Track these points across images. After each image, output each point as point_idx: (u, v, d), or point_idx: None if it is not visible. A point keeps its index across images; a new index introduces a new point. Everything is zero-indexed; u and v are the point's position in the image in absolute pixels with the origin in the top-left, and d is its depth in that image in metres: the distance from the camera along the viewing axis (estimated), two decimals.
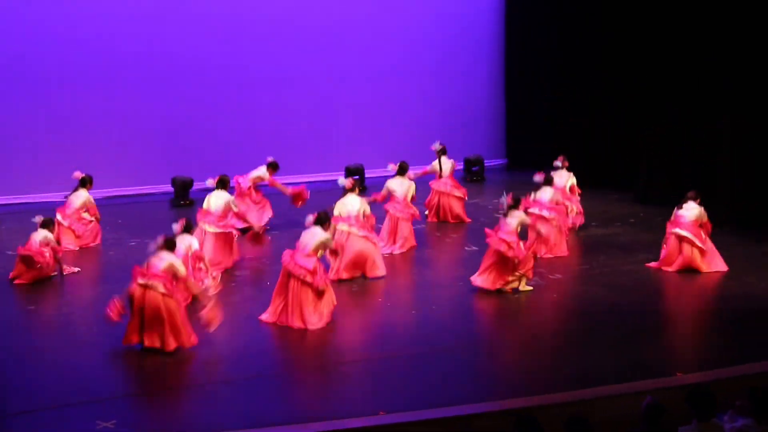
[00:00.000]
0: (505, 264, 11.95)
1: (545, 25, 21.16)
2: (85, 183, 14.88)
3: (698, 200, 13.08)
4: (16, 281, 12.69)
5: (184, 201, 17.88)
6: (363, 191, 13.81)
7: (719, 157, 16.21)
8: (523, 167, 21.33)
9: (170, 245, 10.33)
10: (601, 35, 19.56)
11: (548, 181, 14.28)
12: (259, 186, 15.64)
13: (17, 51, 17.89)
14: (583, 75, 20.02)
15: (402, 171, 14.77)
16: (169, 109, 19.15)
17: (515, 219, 12.10)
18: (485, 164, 21.17)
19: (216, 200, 13.69)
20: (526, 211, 13.10)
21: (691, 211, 13.03)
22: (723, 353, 10.01)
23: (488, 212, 16.86)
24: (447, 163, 16.43)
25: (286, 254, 11.03)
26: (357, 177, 14.85)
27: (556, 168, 15.40)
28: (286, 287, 10.93)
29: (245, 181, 15.54)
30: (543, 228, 13.25)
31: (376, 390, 9.20)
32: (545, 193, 14.11)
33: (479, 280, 12.10)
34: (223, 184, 13.89)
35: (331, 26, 20.36)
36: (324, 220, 11.28)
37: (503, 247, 11.86)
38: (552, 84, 21.09)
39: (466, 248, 14.64)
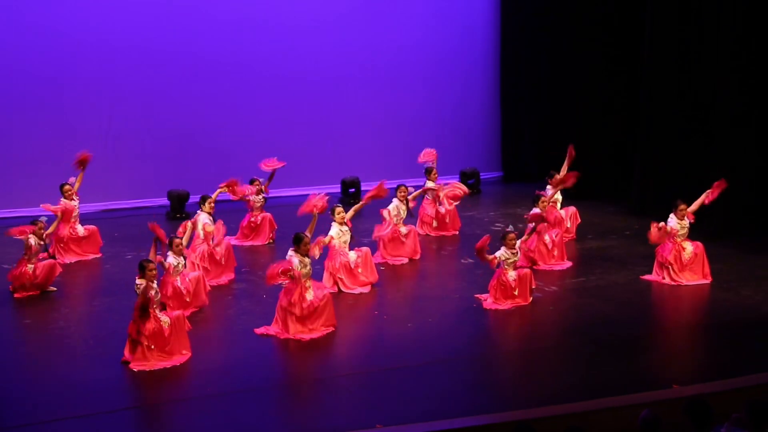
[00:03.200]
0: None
1: (540, 40, 21.25)
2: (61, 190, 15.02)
3: (677, 209, 13.09)
4: (15, 295, 12.77)
5: (180, 214, 17.88)
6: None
7: (713, 169, 16.25)
8: (518, 180, 21.49)
9: (140, 269, 10.36)
10: (595, 50, 19.63)
11: (535, 200, 14.29)
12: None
13: (9, 63, 17.95)
14: (577, 89, 20.07)
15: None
16: (164, 122, 19.20)
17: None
18: (481, 177, 21.27)
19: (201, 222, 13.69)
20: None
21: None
22: (720, 365, 10.01)
23: (484, 224, 16.92)
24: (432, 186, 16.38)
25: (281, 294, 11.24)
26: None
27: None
28: (285, 319, 11.08)
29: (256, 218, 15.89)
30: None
31: (372, 403, 9.20)
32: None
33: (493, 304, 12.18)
34: (203, 201, 14.05)
35: (327, 41, 20.43)
36: (297, 241, 11.36)
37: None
38: (547, 97, 21.18)
39: (462, 261, 14.66)
